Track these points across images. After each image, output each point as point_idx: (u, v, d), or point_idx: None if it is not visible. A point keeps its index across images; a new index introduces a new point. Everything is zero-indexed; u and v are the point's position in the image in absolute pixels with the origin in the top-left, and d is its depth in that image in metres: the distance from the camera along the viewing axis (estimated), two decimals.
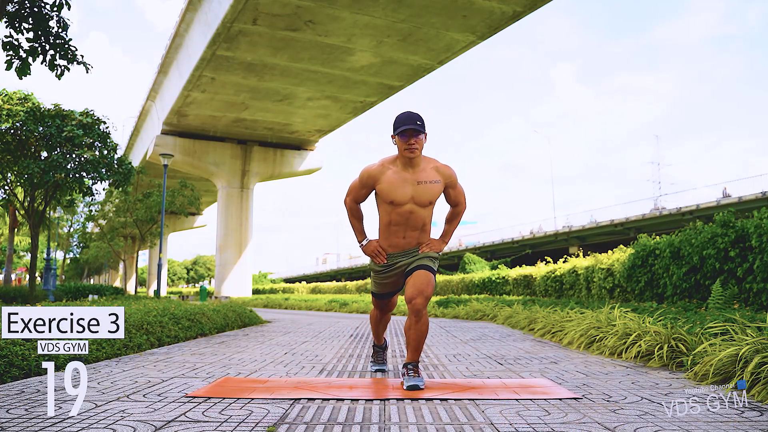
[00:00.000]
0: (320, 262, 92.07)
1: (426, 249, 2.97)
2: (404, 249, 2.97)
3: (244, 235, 30.58)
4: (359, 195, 2.99)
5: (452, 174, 2.95)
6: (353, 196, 3.01)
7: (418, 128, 2.76)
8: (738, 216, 7.32)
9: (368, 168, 2.91)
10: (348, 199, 3.04)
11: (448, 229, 3.15)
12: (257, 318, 8.97)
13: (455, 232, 3.22)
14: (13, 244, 27.27)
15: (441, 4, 16.90)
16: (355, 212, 3.06)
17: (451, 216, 3.12)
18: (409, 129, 2.76)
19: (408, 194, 2.85)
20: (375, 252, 3.01)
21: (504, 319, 8.39)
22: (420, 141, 2.79)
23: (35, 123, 12.68)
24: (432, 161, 2.92)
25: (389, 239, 2.96)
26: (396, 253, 2.98)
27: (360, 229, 3.08)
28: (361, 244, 3.06)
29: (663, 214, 31.48)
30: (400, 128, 2.77)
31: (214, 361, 3.98)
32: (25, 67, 7.11)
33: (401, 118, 2.79)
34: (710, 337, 3.55)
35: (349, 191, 3.02)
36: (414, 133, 2.78)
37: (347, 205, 3.06)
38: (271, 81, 23.13)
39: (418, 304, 2.78)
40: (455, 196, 3.02)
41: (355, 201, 3.02)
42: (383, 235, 2.98)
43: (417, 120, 2.77)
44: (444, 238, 3.09)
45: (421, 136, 2.80)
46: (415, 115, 2.79)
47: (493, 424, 2.08)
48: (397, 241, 2.95)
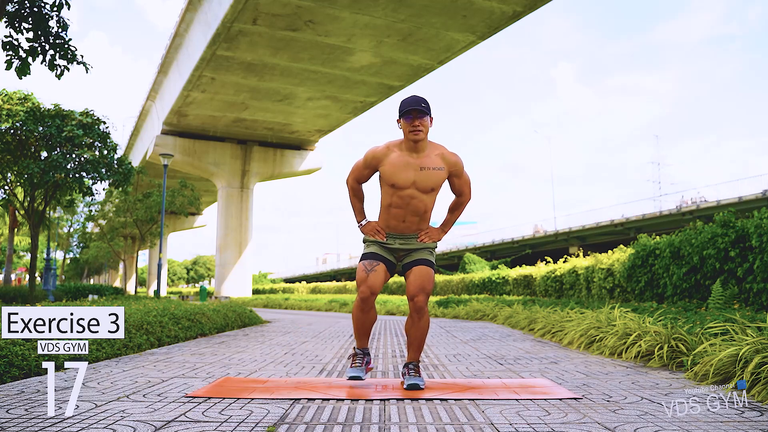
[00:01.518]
0: (320, 262, 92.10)
1: (424, 237, 2.94)
2: (403, 233, 2.94)
3: (244, 235, 30.57)
4: (362, 175, 2.95)
5: (458, 162, 2.88)
6: (356, 176, 2.97)
7: (424, 110, 2.73)
8: (738, 216, 7.32)
9: (373, 149, 2.89)
10: (350, 178, 3.00)
11: (450, 219, 3.09)
12: (257, 318, 8.97)
13: (456, 232, 3.19)
14: (13, 244, 27.28)
15: (441, 4, 16.89)
16: (357, 192, 3.02)
17: (454, 205, 3.06)
18: (414, 110, 2.73)
19: (410, 179, 2.81)
20: (374, 231, 2.97)
21: (504, 319, 8.39)
22: (425, 123, 2.75)
23: (35, 123, 12.68)
24: (438, 147, 2.88)
25: (389, 221, 2.92)
26: (395, 234, 2.94)
27: (360, 209, 3.05)
28: (360, 224, 3.03)
29: (663, 213, 31.48)
30: (405, 110, 2.74)
31: (214, 361, 3.98)
32: (25, 67, 7.11)
33: (407, 101, 2.77)
34: (710, 337, 3.55)
35: (353, 171, 2.98)
36: (419, 115, 2.74)
37: (349, 184, 3.01)
38: (271, 81, 23.13)
39: (420, 301, 2.78)
40: (460, 186, 2.96)
41: (357, 181, 2.99)
42: (383, 216, 2.94)
43: (422, 102, 2.75)
44: (444, 228, 3.05)
45: (426, 118, 2.75)
46: (420, 98, 2.77)
47: (493, 424, 2.08)
48: (396, 224, 2.91)
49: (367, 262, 2.88)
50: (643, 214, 33.07)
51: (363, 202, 3.07)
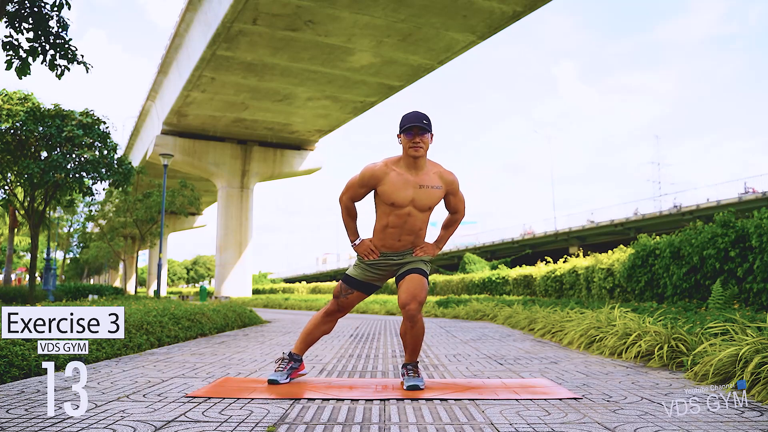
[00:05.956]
0: (320, 262, 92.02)
1: (419, 252, 2.94)
2: (398, 251, 2.93)
3: (244, 235, 30.58)
4: (357, 194, 2.90)
5: (455, 181, 2.91)
6: (350, 194, 2.92)
7: (425, 127, 2.73)
8: (738, 216, 7.32)
9: (371, 167, 2.84)
10: (345, 197, 2.94)
11: (444, 235, 3.10)
12: (257, 318, 8.97)
13: (456, 232, 3.19)
14: (13, 244, 27.27)
15: (441, 4, 16.89)
16: (351, 211, 2.97)
17: (448, 222, 3.08)
18: (416, 127, 2.73)
19: (408, 197, 2.80)
20: (368, 251, 2.94)
21: (504, 319, 8.39)
22: (426, 140, 2.76)
23: (35, 123, 12.67)
24: (436, 166, 2.88)
25: (384, 240, 2.90)
26: (389, 252, 2.94)
27: (353, 229, 3.00)
28: (354, 244, 2.99)
29: (663, 214, 31.49)
30: (406, 126, 2.74)
31: (214, 361, 3.98)
32: (25, 67, 7.11)
33: (408, 117, 2.77)
34: (710, 337, 3.55)
35: (347, 188, 2.92)
36: (420, 132, 2.74)
37: (343, 202, 2.95)
38: (271, 81, 23.13)
39: (412, 309, 2.76)
40: (455, 204, 2.98)
41: (352, 199, 2.93)
42: (378, 236, 2.91)
43: (423, 119, 2.75)
44: (438, 244, 3.04)
45: (426, 135, 2.76)
46: (422, 115, 2.77)
47: (493, 424, 2.08)
48: (392, 243, 2.90)
49: (345, 287, 3.02)
50: (643, 214, 33.10)
51: (356, 220, 3.01)
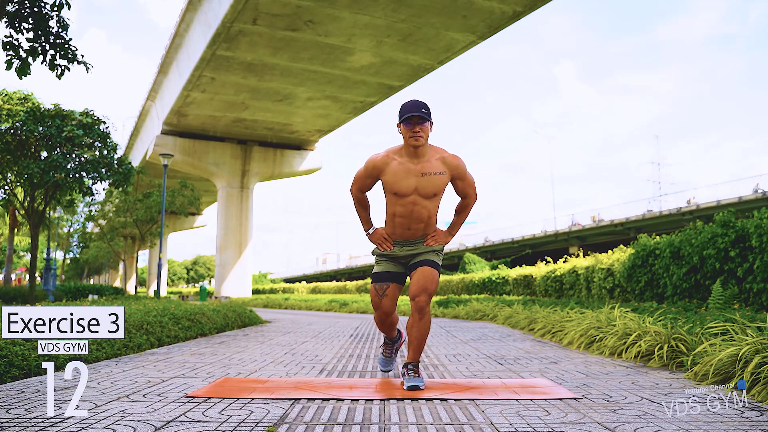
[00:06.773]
0: (320, 262, 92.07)
1: (431, 241, 2.94)
2: (409, 239, 2.94)
3: (244, 235, 30.58)
4: (365, 184, 2.95)
5: (460, 164, 2.87)
6: (359, 185, 2.96)
7: (424, 116, 2.72)
8: (738, 216, 7.32)
9: (373, 158, 2.87)
10: (354, 188, 2.99)
11: (456, 221, 3.09)
12: (257, 318, 8.97)
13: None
14: (13, 244, 27.27)
15: (441, 4, 16.90)
16: (362, 201, 3.01)
17: (459, 208, 3.05)
18: (415, 116, 2.72)
19: (411, 186, 2.80)
20: (381, 239, 2.98)
21: (504, 319, 8.39)
22: (425, 129, 2.74)
23: (35, 123, 12.68)
24: (439, 151, 2.86)
25: (394, 229, 2.93)
26: (401, 241, 2.96)
27: (366, 218, 3.04)
28: (368, 233, 3.03)
29: (663, 214, 31.50)
30: (405, 115, 2.73)
31: (214, 361, 3.98)
32: (25, 67, 7.11)
33: (407, 106, 2.76)
34: (710, 337, 3.55)
35: (355, 180, 2.97)
36: (419, 121, 2.73)
37: (353, 194, 3.01)
38: (271, 81, 23.13)
39: (421, 301, 2.79)
40: (464, 188, 2.94)
41: (361, 190, 2.98)
42: (389, 224, 2.95)
43: (422, 108, 2.73)
44: (451, 230, 3.05)
45: (426, 124, 2.75)
46: (421, 103, 2.76)
47: (493, 424, 2.08)
48: (402, 231, 2.92)
49: (378, 286, 2.96)
50: (643, 214, 33.11)
51: (368, 210, 3.06)
